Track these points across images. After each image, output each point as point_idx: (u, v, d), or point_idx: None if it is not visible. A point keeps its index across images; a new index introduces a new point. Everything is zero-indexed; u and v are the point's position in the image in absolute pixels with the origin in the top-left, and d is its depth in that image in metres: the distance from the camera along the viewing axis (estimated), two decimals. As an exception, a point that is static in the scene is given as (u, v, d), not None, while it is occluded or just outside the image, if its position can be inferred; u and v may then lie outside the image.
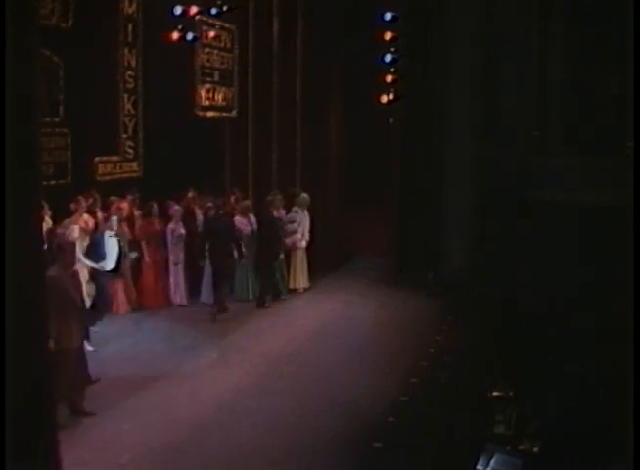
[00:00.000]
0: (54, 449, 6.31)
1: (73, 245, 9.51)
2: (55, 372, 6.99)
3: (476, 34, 15.30)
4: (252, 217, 14.04)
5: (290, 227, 14.62)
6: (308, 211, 14.96)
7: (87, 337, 8.77)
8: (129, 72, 13.90)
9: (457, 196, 15.52)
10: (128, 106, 13.97)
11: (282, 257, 14.18)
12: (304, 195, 14.95)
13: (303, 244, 14.91)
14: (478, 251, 15.15)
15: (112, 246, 11.42)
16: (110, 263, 11.39)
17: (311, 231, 15.04)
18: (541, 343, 10.21)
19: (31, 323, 6.05)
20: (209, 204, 13.60)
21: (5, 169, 5.58)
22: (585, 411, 7.91)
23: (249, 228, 13.93)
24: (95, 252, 11.26)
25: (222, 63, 16.15)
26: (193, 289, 13.67)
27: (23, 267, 5.83)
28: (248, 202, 14.47)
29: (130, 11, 13.82)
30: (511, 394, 8.36)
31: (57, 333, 7.84)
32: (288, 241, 14.51)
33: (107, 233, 11.50)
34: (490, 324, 12.07)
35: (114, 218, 11.79)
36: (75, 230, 10.90)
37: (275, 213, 14.11)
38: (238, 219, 13.91)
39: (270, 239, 13.76)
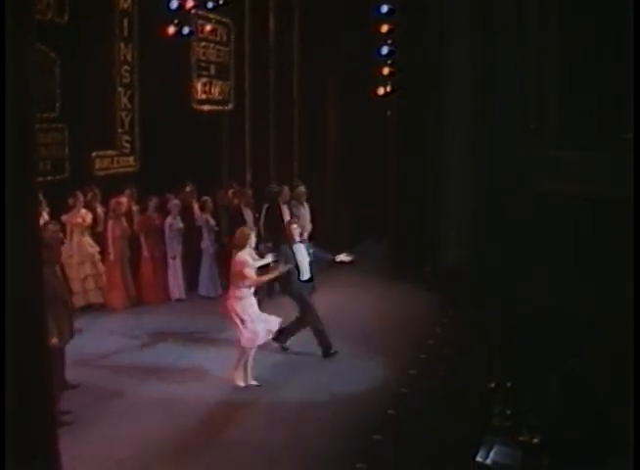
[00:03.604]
0: (53, 445, 6.31)
1: (60, 242, 9.45)
2: None
3: (472, 25, 15.25)
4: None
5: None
6: (307, 202, 14.91)
7: (72, 336, 8.68)
8: (125, 67, 13.87)
9: (455, 189, 15.49)
10: (124, 100, 13.94)
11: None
12: (301, 188, 14.89)
13: (304, 236, 14.85)
14: (476, 244, 15.12)
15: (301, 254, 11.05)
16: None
17: (312, 222, 14.98)
18: (541, 335, 10.21)
19: (31, 321, 6.04)
20: (206, 198, 13.61)
21: (3, 166, 5.57)
22: (584, 403, 7.92)
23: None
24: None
25: (218, 56, 16.12)
26: (191, 283, 13.66)
27: (22, 264, 5.82)
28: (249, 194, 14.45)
29: (126, 5, 13.79)
30: (510, 385, 8.36)
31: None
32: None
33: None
34: (490, 317, 12.06)
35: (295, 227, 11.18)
36: None
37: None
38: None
39: None
